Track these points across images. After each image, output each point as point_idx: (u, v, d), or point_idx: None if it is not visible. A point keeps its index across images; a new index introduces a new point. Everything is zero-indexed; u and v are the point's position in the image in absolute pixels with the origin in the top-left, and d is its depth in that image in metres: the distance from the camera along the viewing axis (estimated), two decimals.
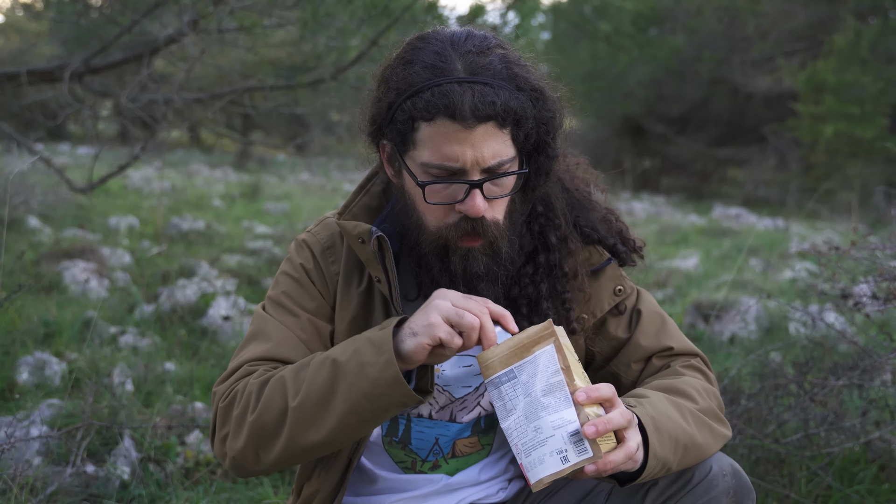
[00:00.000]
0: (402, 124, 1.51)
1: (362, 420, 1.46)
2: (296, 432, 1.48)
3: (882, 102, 15.66)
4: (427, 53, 1.51)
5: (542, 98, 1.54)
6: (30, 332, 4.03)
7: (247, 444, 1.52)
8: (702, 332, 4.85)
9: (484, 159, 1.48)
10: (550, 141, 1.57)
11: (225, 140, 17.92)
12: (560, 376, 1.35)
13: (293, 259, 1.69)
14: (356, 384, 1.44)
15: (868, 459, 2.85)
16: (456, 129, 1.47)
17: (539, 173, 1.59)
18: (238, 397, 1.54)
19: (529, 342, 1.37)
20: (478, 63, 1.49)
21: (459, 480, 1.71)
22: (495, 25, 6.27)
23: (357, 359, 1.45)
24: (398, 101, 1.51)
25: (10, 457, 2.56)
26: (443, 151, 1.48)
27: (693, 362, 1.69)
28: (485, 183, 1.50)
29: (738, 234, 10.38)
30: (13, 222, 6.81)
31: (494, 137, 1.48)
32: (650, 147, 21.34)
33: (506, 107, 1.47)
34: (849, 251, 2.82)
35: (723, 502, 1.47)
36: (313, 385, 1.47)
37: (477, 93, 1.46)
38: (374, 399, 1.43)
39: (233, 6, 5.59)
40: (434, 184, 1.51)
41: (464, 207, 1.51)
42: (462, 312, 1.41)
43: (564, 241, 1.65)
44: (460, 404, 1.68)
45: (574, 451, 1.32)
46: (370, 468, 1.72)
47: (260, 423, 1.50)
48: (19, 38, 15.85)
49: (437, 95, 1.47)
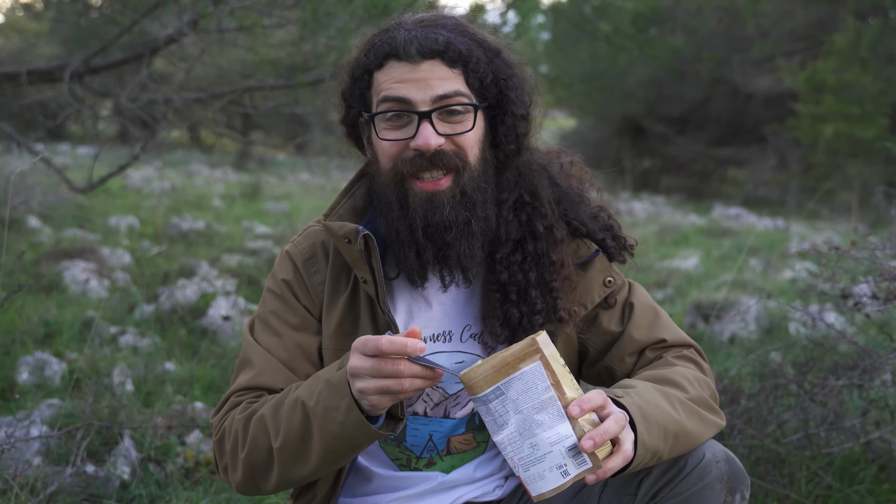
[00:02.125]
0: (360, 82, 1.59)
1: (340, 456, 1.52)
2: (285, 468, 1.55)
3: (882, 102, 15.65)
4: (389, 23, 1.61)
5: (499, 57, 1.60)
6: (30, 332, 4.03)
7: (244, 477, 1.60)
8: (702, 332, 4.85)
9: (432, 91, 1.53)
10: (515, 100, 1.61)
11: (225, 140, 17.91)
12: (551, 392, 1.34)
13: (276, 274, 1.72)
14: (326, 427, 1.48)
15: (868, 459, 2.85)
16: (402, 67, 1.54)
17: (508, 135, 1.62)
18: (227, 434, 1.61)
19: (514, 359, 1.34)
20: (431, 21, 1.58)
21: (455, 478, 1.71)
22: (495, 25, 6.26)
23: (322, 403, 1.48)
24: (356, 63, 1.60)
25: (10, 457, 2.56)
26: (391, 88, 1.54)
27: (686, 353, 1.70)
28: (434, 113, 1.53)
29: (738, 234, 10.37)
30: (13, 222, 6.81)
31: (442, 74, 1.54)
32: (650, 147, 21.32)
33: (448, 43, 1.53)
34: (849, 251, 2.82)
35: (717, 489, 1.48)
36: (290, 428, 1.52)
37: (420, 34, 1.55)
38: (345, 440, 1.48)
39: (233, 6, 5.58)
40: (384, 113, 1.55)
41: (416, 142, 1.54)
42: (367, 338, 1.40)
43: (550, 229, 1.67)
44: (454, 400, 1.68)
45: (573, 464, 1.33)
46: (366, 466, 1.73)
47: (251, 461, 1.57)
48: (19, 38, 15.85)
49: (385, 41, 1.56)
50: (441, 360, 1.66)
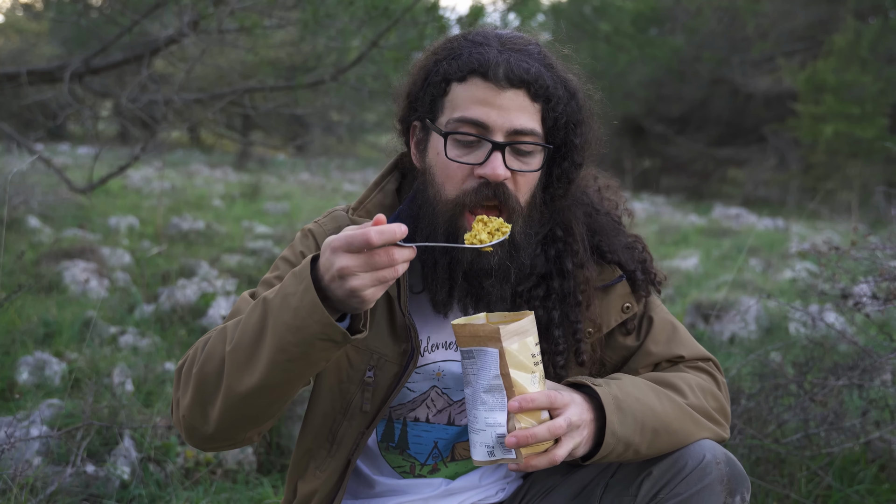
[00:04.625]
0: (434, 87, 1.54)
1: (290, 358, 1.38)
2: (232, 377, 1.42)
3: (882, 102, 15.66)
4: (474, 34, 1.55)
5: (575, 98, 1.55)
6: (30, 332, 4.03)
7: (193, 398, 1.48)
8: (702, 332, 4.85)
9: (511, 123, 1.49)
10: (576, 145, 1.56)
11: (225, 140, 17.92)
12: (499, 381, 1.38)
13: (295, 246, 1.67)
14: (280, 317, 1.37)
15: (868, 459, 2.85)
16: (487, 89, 1.49)
17: (561, 179, 1.58)
18: (188, 357, 1.52)
19: (484, 335, 1.39)
20: (516, 43, 1.53)
21: (460, 485, 1.70)
22: (496, 26, 6.26)
23: (281, 291, 1.39)
24: (435, 67, 1.54)
25: (10, 457, 2.56)
26: (472, 108, 1.49)
27: (702, 364, 1.68)
28: (508, 146, 1.49)
29: (738, 234, 10.38)
30: (13, 222, 6.81)
31: (523, 107, 1.49)
32: (650, 147, 21.34)
33: (539, 77, 1.49)
34: (849, 251, 2.82)
35: (717, 490, 1.48)
36: (246, 326, 1.43)
37: (513, 59, 1.49)
38: (297, 330, 1.35)
39: (233, 7, 5.58)
40: (457, 134, 1.50)
41: (484, 170, 1.49)
42: (348, 236, 1.31)
43: (581, 268, 1.63)
44: (458, 407, 1.67)
45: (500, 449, 1.40)
46: (367, 473, 1.71)
47: (202, 375, 1.46)
48: (19, 38, 15.86)
49: (473, 55, 1.50)
50: (452, 367, 1.65)
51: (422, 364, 1.63)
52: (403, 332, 1.60)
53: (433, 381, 1.65)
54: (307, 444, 1.67)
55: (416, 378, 1.64)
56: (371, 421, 1.62)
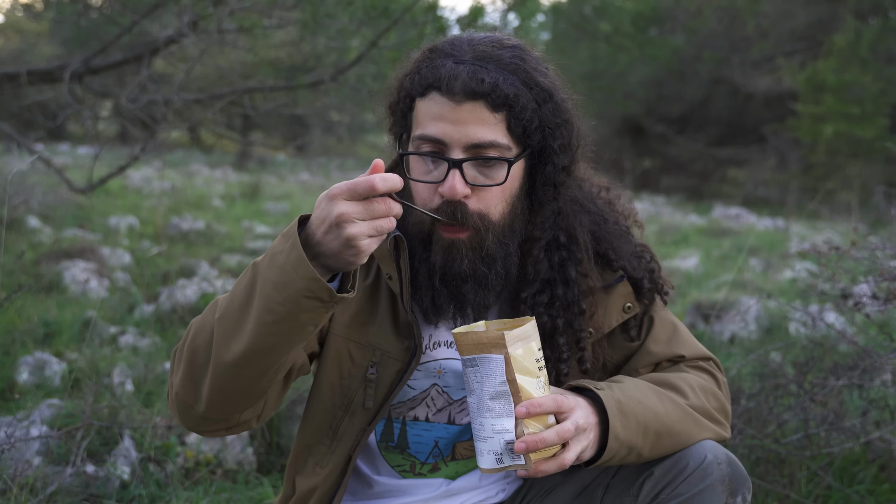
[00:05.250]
0: (403, 104, 1.53)
1: (277, 319, 1.34)
2: (220, 346, 1.40)
3: (882, 102, 15.66)
4: (444, 44, 1.53)
5: (551, 101, 1.52)
6: (30, 332, 4.03)
7: (185, 373, 1.46)
8: (702, 332, 4.85)
9: (468, 137, 1.46)
10: (558, 150, 1.54)
11: (225, 140, 17.91)
12: (506, 387, 1.38)
13: None
14: (268, 276, 1.35)
15: (868, 459, 2.85)
16: (444, 104, 1.46)
17: (546, 184, 1.56)
18: (183, 337, 1.49)
19: (488, 342, 1.38)
20: (486, 53, 1.49)
21: (460, 485, 1.70)
22: (495, 27, 6.27)
23: (270, 252, 1.37)
24: (404, 81, 1.53)
25: (10, 457, 2.56)
26: (429, 125, 1.48)
27: (702, 364, 1.68)
28: (464, 163, 1.47)
29: (738, 234, 10.37)
30: (13, 222, 6.81)
31: (483, 119, 1.46)
32: (650, 147, 21.34)
33: (495, 87, 1.45)
34: (849, 251, 2.82)
35: (718, 490, 1.48)
36: (235, 293, 1.41)
37: (469, 70, 1.46)
38: (283, 288, 1.32)
39: (233, 7, 5.58)
40: (414, 154, 1.50)
41: (442, 188, 1.48)
42: (350, 183, 1.31)
43: (585, 277, 1.63)
44: (458, 406, 1.67)
45: (508, 456, 1.39)
46: (367, 473, 1.71)
47: (193, 347, 1.44)
48: (19, 38, 15.86)
49: (431, 70, 1.48)
50: (454, 366, 1.65)
51: (424, 361, 1.63)
52: (406, 329, 1.61)
53: (434, 379, 1.65)
54: (307, 439, 1.67)
55: (418, 375, 1.64)
56: (373, 417, 1.62)
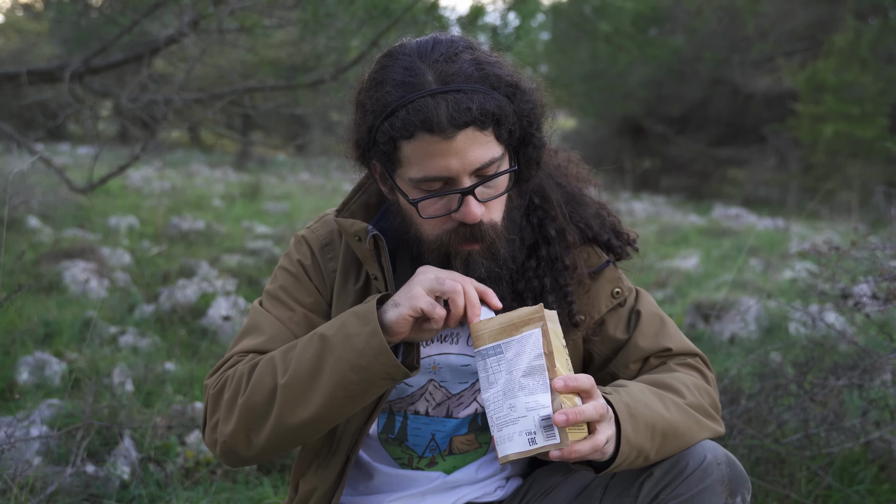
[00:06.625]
0: (384, 145, 1.51)
1: (350, 395, 1.47)
2: (285, 410, 1.49)
3: (882, 102, 15.65)
4: (396, 70, 1.50)
5: (519, 91, 1.54)
6: (30, 332, 4.03)
7: (237, 426, 1.53)
8: (702, 332, 4.85)
9: (471, 164, 1.48)
10: (535, 132, 1.57)
11: (225, 140, 17.92)
12: (542, 360, 1.38)
13: (291, 255, 1.71)
14: (343, 356, 1.45)
15: (868, 459, 2.85)
16: (437, 142, 1.46)
17: (529, 164, 1.60)
18: (228, 382, 1.56)
19: (520, 321, 1.40)
20: (448, 71, 1.48)
21: (457, 478, 1.71)
22: (496, 26, 6.27)
23: (343, 331, 1.46)
24: (376, 124, 1.50)
25: (10, 457, 2.56)
26: (429, 165, 1.48)
27: (690, 361, 1.70)
28: (477, 188, 1.50)
29: (738, 234, 10.37)
30: (13, 222, 6.81)
31: (477, 141, 1.48)
32: (650, 147, 21.32)
33: (482, 110, 1.47)
34: (849, 251, 2.82)
35: (717, 491, 1.48)
36: (301, 361, 1.49)
37: (451, 102, 1.45)
38: (361, 370, 1.45)
39: (233, 6, 5.58)
40: (426, 199, 1.52)
41: (460, 216, 1.51)
42: (443, 279, 1.45)
43: (562, 233, 1.67)
44: (457, 400, 1.69)
45: (542, 434, 1.36)
46: (368, 461, 1.73)
47: (250, 404, 1.52)
48: (19, 38, 15.85)
49: (413, 112, 1.46)
50: (448, 360, 1.67)
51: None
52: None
53: (430, 375, 1.67)
54: (313, 443, 1.69)
55: None
56: (368, 416, 1.64)
